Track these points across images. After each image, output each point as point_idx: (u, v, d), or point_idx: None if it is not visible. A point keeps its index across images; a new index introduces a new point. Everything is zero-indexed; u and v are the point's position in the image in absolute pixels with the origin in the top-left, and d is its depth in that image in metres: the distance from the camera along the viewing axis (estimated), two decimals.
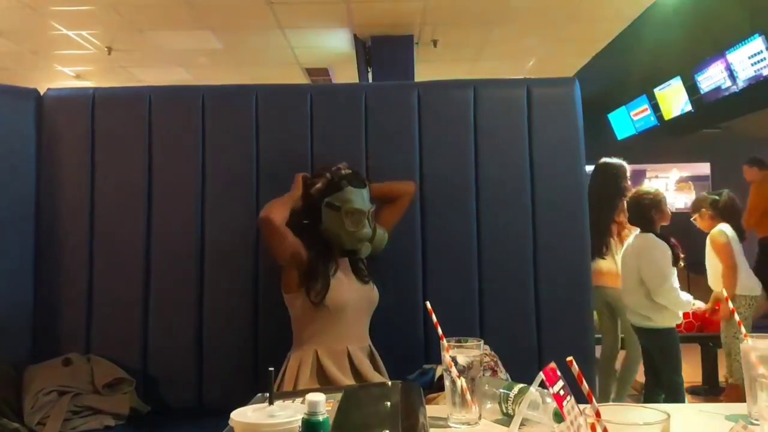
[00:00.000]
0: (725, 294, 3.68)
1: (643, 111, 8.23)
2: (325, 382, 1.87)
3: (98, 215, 2.28)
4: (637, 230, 3.59)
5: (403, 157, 2.28)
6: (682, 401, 3.42)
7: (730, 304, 3.47)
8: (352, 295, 1.97)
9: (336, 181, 1.95)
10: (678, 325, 3.51)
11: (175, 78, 7.28)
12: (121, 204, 2.29)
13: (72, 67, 7.10)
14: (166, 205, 2.27)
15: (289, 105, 2.33)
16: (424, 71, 6.52)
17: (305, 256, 1.92)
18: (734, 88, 6.00)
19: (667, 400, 3.37)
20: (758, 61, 5.44)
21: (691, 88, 6.75)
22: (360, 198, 1.95)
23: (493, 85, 2.40)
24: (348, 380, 1.89)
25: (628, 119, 8.64)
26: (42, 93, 2.38)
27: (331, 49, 6.39)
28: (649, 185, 7.95)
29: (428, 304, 1.36)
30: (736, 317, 1.57)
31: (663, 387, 3.43)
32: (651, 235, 3.44)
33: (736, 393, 3.84)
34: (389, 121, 2.32)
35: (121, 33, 5.84)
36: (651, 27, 5.54)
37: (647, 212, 3.48)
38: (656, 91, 7.54)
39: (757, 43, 5.38)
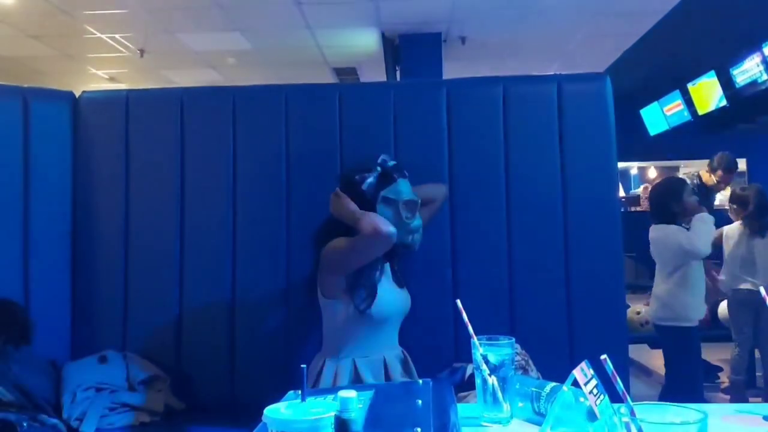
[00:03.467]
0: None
1: (676, 106, 8.07)
2: None
3: (133, 214, 2.33)
4: None
5: (432, 155, 2.28)
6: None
7: None
8: (395, 302, 1.93)
9: (388, 173, 1.89)
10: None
11: (205, 79, 7.38)
12: (155, 203, 2.33)
13: (106, 70, 7.23)
14: (199, 204, 2.31)
15: (318, 105, 2.35)
16: (452, 69, 6.49)
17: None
18: None
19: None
20: None
21: (726, 83, 6.61)
22: (409, 189, 1.91)
23: (523, 82, 2.38)
24: None
25: (661, 115, 8.49)
26: (77, 95, 2.43)
27: (359, 48, 6.41)
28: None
29: (459, 302, 1.36)
30: None
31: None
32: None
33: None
34: (418, 119, 2.31)
35: (152, 35, 5.93)
36: (684, 21, 5.43)
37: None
38: (690, 85, 7.40)
39: None
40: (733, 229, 3.95)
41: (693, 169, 9.67)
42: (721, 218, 4.19)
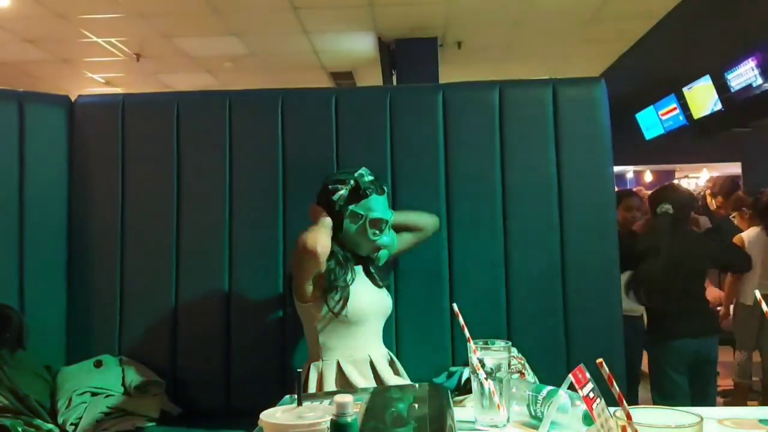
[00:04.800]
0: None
1: (671, 110, 8.10)
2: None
3: (129, 219, 2.33)
4: None
5: (428, 159, 2.28)
6: None
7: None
8: (371, 302, 1.95)
9: (361, 188, 1.91)
10: None
11: (201, 83, 7.38)
12: (151, 208, 2.33)
13: (102, 74, 7.23)
14: (194, 209, 2.31)
15: (314, 109, 2.35)
16: (449, 73, 6.51)
17: (323, 267, 1.88)
18: (766, 86, 5.89)
19: None
20: None
21: (721, 87, 6.63)
22: (383, 206, 1.93)
23: (519, 86, 2.38)
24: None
25: (657, 119, 8.52)
26: (73, 100, 2.43)
27: (356, 52, 6.42)
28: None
29: (455, 306, 1.36)
30: None
31: None
32: None
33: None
34: (414, 123, 2.32)
35: (149, 40, 5.93)
36: (679, 25, 5.46)
37: None
38: (685, 90, 7.42)
39: None
40: (752, 235, 3.88)
41: (688, 174, 9.71)
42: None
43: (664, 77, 7.37)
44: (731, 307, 3.97)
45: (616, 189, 3.25)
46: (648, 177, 10.15)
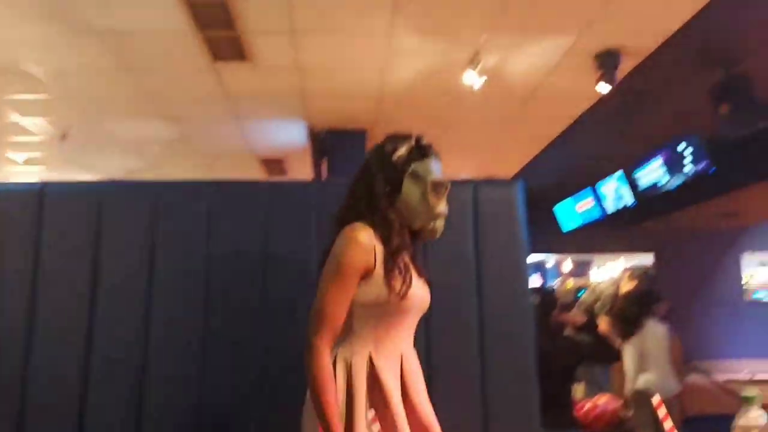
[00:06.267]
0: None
1: (588, 203, 8.56)
2: (378, 396, 1.65)
3: (39, 318, 2.21)
4: None
5: None
6: None
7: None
8: (418, 291, 1.73)
9: (422, 147, 1.74)
10: None
11: (128, 165, 7.26)
12: (63, 305, 2.23)
13: (22, 153, 7.02)
14: (110, 308, 2.22)
15: (243, 202, 2.35)
16: None
17: (382, 253, 1.64)
18: (671, 184, 6.34)
19: None
20: (691, 162, 5.80)
21: (632, 183, 7.08)
22: (440, 171, 1.76)
23: None
24: (397, 391, 1.67)
25: (574, 211, 8.96)
26: None
27: (287, 140, 6.52)
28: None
29: None
30: None
31: None
32: None
33: None
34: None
35: (75, 121, 5.85)
36: (593, 125, 5.85)
37: None
38: (599, 185, 7.89)
39: (683, 146, 5.79)
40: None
41: (605, 263, 10.14)
42: None
43: (581, 172, 7.82)
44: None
45: None
46: (568, 266, 10.53)
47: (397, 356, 1.70)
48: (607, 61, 4.19)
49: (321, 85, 4.98)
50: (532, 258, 10.69)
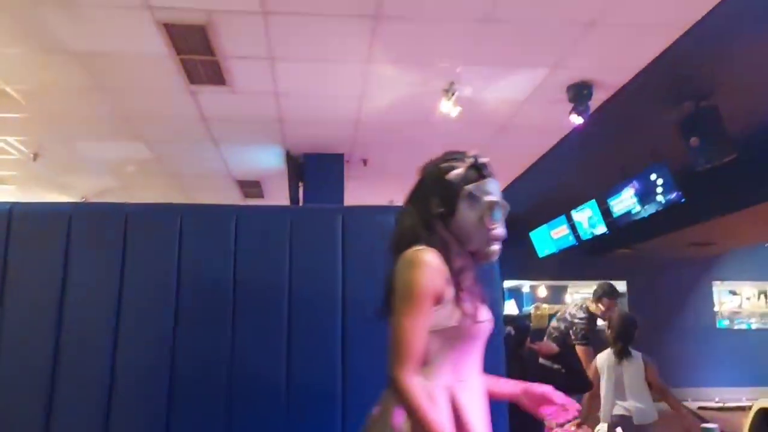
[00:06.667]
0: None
1: (562, 230, 8.65)
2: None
3: (7, 335, 2.17)
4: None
5: (326, 280, 2.30)
6: None
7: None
8: (487, 314, 1.63)
9: (479, 166, 1.65)
10: None
11: (102, 185, 7.19)
12: (28, 328, 2.19)
13: None
14: (77, 331, 2.18)
15: (215, 226, 2.34)
16: (356, 188, 6.71)
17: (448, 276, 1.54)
18: (643, 213, 6.44)
19: None
20: (662, 192, 5.90)
21: (605, 212, 7.18)
22: (498, 191, 1.67)
23: None
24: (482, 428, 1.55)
25: (549, 238, 9.05)
26: None
27: (264, 163, 6.52)
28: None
29: None
30: None
31: None
32: None
33: None
34: (314, 244, 2.35)
35: (48, 141, 5.79)
36: (568, 154, 5.95)
37: None
38: (573, 212, 7.98)
39: (654, 176, 5.91)
40: (602, 358, 4.10)
41: (578, 289, 10.24)
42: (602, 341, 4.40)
43: (557, 200, 7.92)
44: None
45: None
46: (543, 292, 10.59)
47: (477, 386, 1.61)
48: (579, 94, 4.29)
49: (299, 111, 5.01)
50: (508, 284, 10.76)
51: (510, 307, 9.41)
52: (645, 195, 6.46)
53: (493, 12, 3.46)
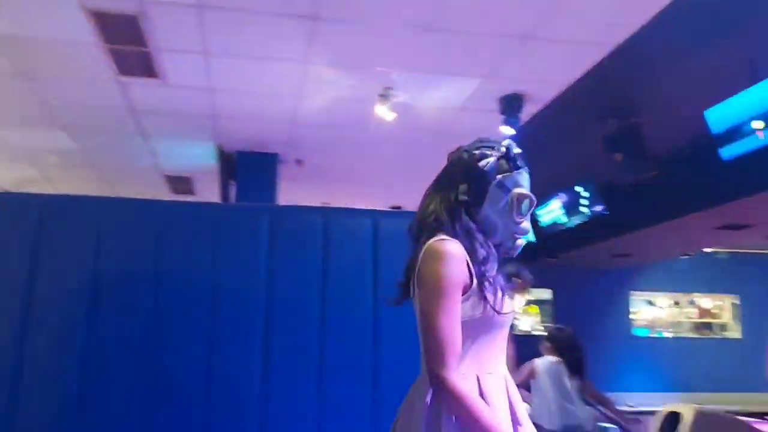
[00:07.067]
0: None
1: None
2: None
3: None
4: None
5: (251, 278, 2.30)
6: None
7: None
8: (510, 305, 1.60)
9: (512, 157, 1.61)
10: None
11: (20, 175, 6.85)
12: None
13: None
14: None
15: (136, 221, 2.29)
16: (290, 188, 6.64)
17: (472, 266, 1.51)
18: (569, 224, 6.66)
19: None
20: (587, 204, 6.13)
21: (533, 221, 7.38)
22: (528, 184, 1.64)
23: (343, 214, 2.51)
24: (508, 417, 1.52)
25: None
26: None
27: (196, 159, 6.37)
28: None
29: None
30: None
31: None
32: None
33: None
34: (240, 242, 2.33)
35: None
36: None
37: None
38: None
39: (581, 189, 6.13)
40: (544, 365, 4.18)
41: None
42: (526, 344, 4.51)
43: None
44: None
45: None
46: None
47: (502, 378, 1.58)
48: (510, 105, 4.39)
49: (233, 108, 4.92)
50: None
51: None
52: (571, 206, 6.68)
53: (431, 20, 3.51)
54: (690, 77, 4.22)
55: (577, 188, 6.29)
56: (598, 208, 6.06)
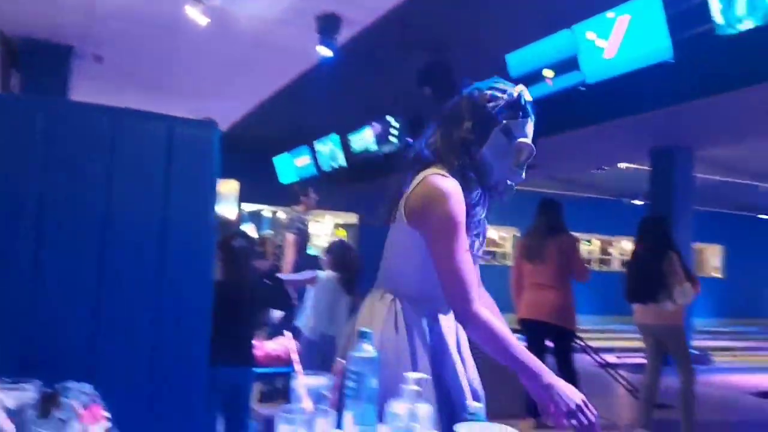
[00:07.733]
0: None
1: (305, 160, 8.87)
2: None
3: None
4: None
5: (19, 175, 2.08)
6: None
7: None
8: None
9: (522, 104, 1.55)
10: None
11: None
12: None
13: None
14: None
15: None
16: (89, 88, 6.04)
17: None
18: (379, 152, 6.89)
19: None
20: (396, 136, 6.36)
21: (345, 146, 7.51)
22: (532, 134, 1.58)
23: (135, 117, 2.33)
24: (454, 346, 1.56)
25: (293, 166, 9.22)
26: None
27: None
28: None
29: None
30: None
31: None
32: None
33: None
34: (9, 136, 2.09)
35: None
36: (311, 86, 6.02)
37: None
38: (316, 143, 8.21)
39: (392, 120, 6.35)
40: (323, 277, 4.26)
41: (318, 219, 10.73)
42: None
43: (300, 129, 8.04)
44: None
45: None
46: (282, 216, 10.83)
47: (455, 328, 1.58)
48: (327, 26, 4.35)
49: None
50: (249, 207, 10.76)
51: (250, 231, 9.44)
52: (382, 136, 6.90)
53: None
54: (497, 20, 4.48)
55: (389, 118, 6.49)
56: (406, 140, 6.32)
